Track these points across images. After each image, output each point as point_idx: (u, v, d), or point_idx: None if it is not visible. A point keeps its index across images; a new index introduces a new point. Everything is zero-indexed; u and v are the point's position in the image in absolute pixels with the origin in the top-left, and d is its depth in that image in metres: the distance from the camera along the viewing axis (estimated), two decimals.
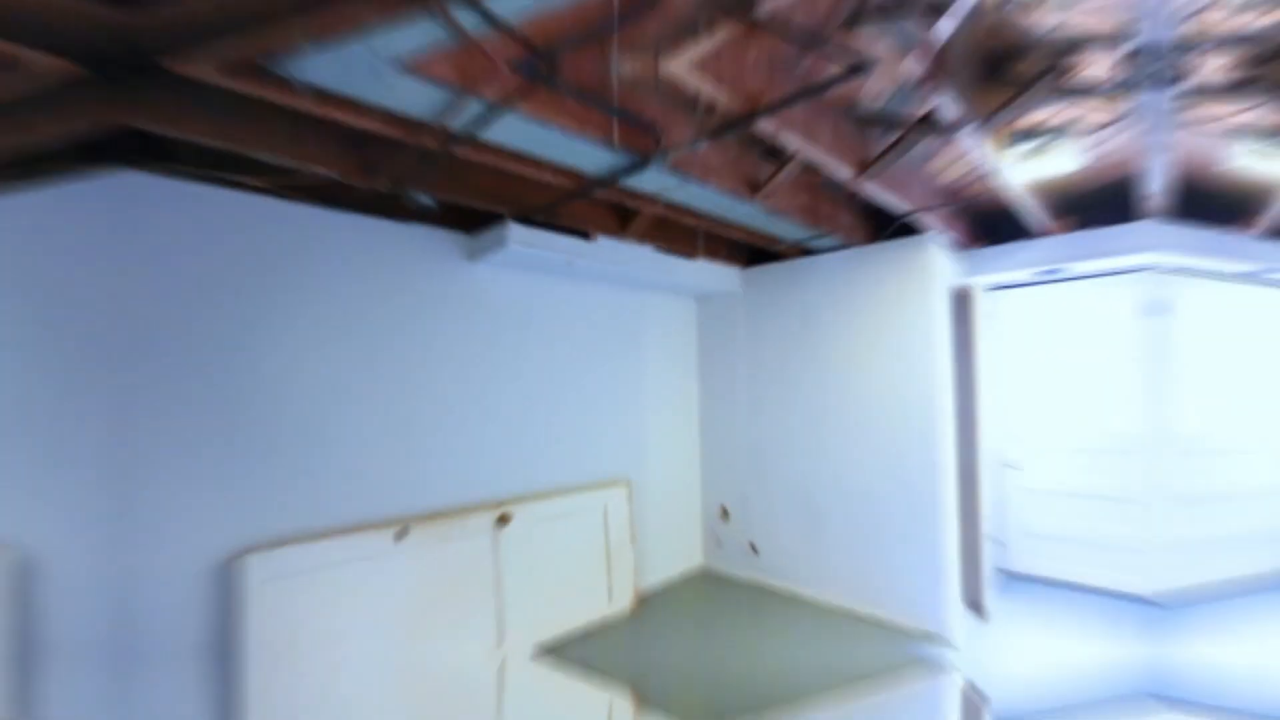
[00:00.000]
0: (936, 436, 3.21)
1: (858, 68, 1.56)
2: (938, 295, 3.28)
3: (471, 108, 1.72)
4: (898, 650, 3.06)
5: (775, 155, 2.72)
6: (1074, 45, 1.86)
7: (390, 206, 2.74)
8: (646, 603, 3.74)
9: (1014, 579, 4.07)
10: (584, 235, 3.17)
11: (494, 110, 1.72)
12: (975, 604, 3.47)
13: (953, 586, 3.24)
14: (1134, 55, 1.61)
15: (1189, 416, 3.55)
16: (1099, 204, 3.36)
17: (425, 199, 2.79)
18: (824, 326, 3.74)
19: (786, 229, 3.24)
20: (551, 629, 3.18)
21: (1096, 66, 2.05)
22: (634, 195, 2.67)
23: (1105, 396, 3.86)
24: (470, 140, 2.05)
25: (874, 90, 2.24)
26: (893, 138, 2.42)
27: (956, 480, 3.42)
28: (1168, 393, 3.61)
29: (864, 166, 2.40)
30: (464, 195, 2.60)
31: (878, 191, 2.56)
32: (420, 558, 2.72)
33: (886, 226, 3.48)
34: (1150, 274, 3.67)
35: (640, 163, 2.13)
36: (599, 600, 3.48)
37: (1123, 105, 1.98)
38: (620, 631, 3.34)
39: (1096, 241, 3.31)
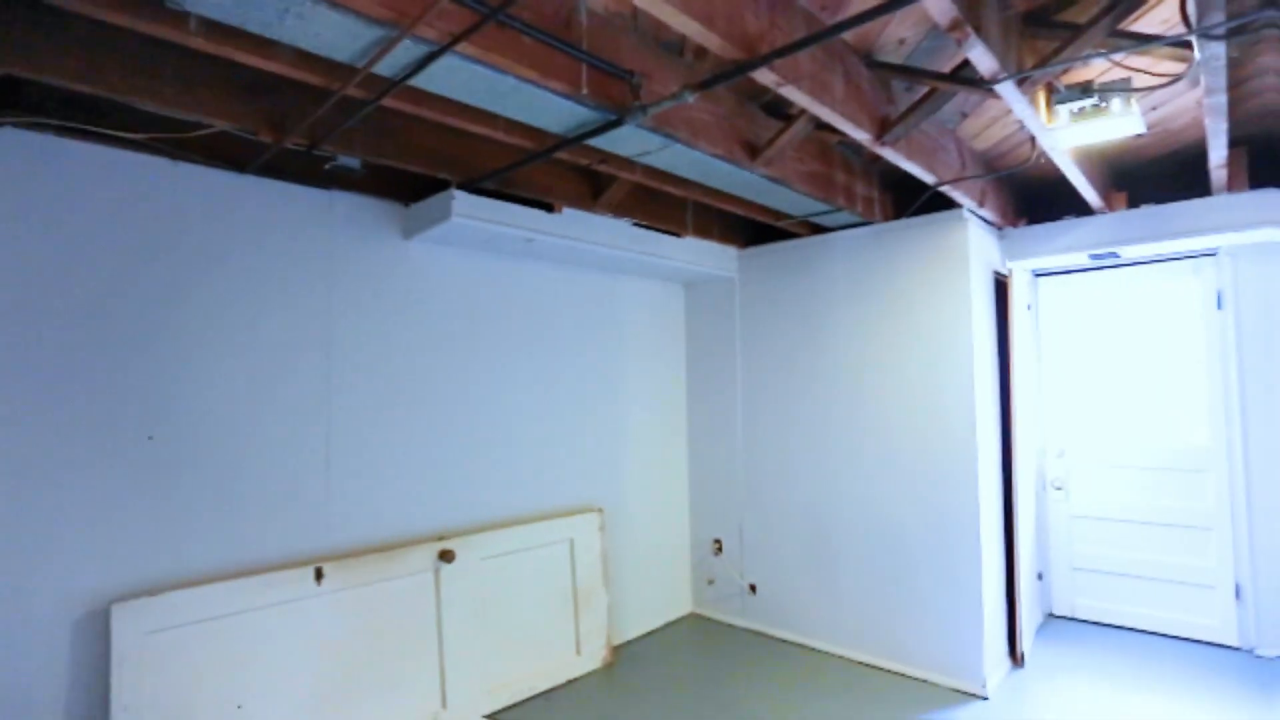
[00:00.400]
0: (973, 454, 3.26)
1: (878, 7, 1.57)
2: (975, 282, 3.33)
3: (406, 49, 1.70)
4: (924, 713, 3.10)
5: (779, 112, 2.74)
6: None
7: (306, 170, 2.71)
8: (624, 658, 3.74)
9: (1063, 621, 4.15)
10: (547, 207, 3.17)
11: (434, 53, 1.71)
12: (1017, 653, 3.53)
13: (994, 635, 3.29)
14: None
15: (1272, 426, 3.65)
16: (1164, 173, 3.45)
17: (350, 161, 2.77)
18: (837, 320, 3.77)
19: (792, 202, 3.27)
20: (505, 692, 3.17)
21: (1163, 8, 2.10)
22: (607, 158, 2.67)
23: (1172, 404, 3.95)
24: (405, 90, 2.04)
25: (896, 36, 2.27)
26: (919, 94, 2.46)
27: (998, 506, 3.48)
28: (1246, 398, 3.70)
29: (884, 128, 2.43)
30: (398, 157, 2.58)
31: (901, 159, 2.59)
32: (345, 603, 2.69)
33: (913, 200, 3.53)
34: (1221, 258, 3.77)
35: (614, 119, 2.13)
36: (564, 655, 3.47)
37: (1191, 57, 2.04)
38: (590, 694, 3.33)
39: (1161, 220, 3.38)
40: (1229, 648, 3.72)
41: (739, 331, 4.24)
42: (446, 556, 2.99)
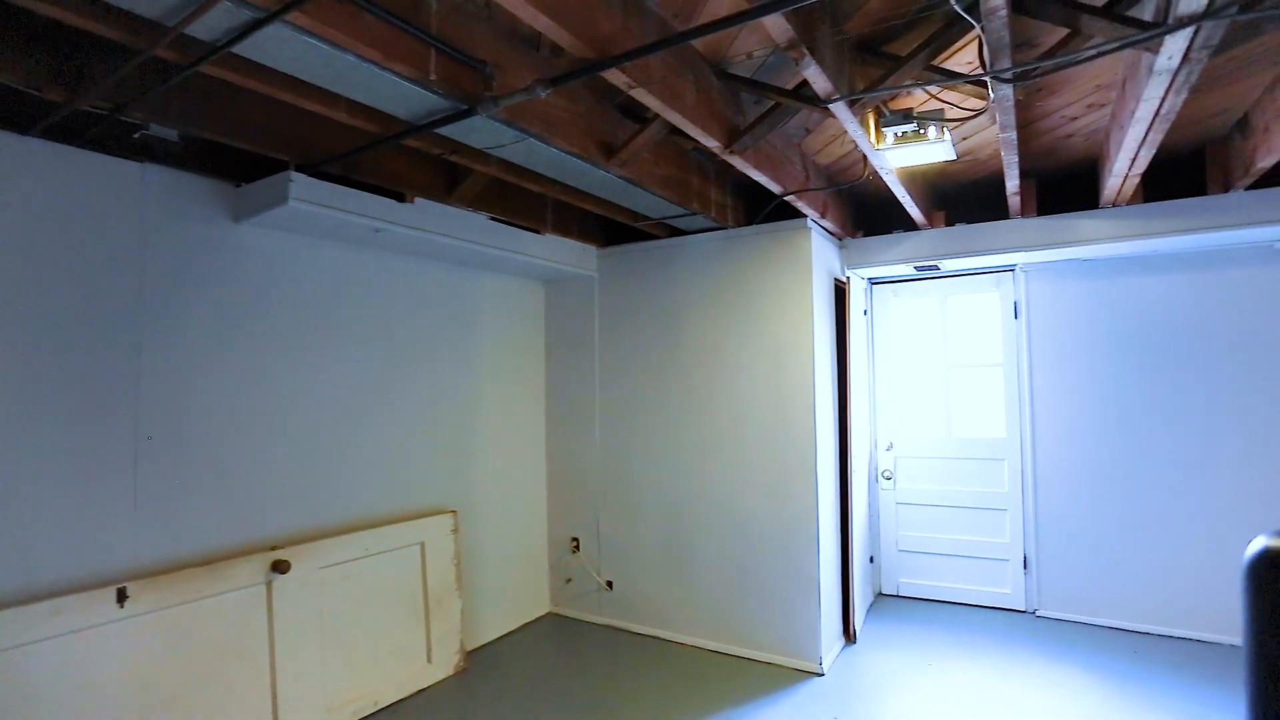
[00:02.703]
0: (813, 448, 3.50)
1: (722, 20, 1.64)
2: (817, 288, 3.58)
3: (226, 11, 1.55)
4: (766, 693, 3.28)
5: (636, 115, 2.79)
6: (950, 26, 2.13)
7: (111, 137, 2.40)
8: (478, 662, 3.65)
9: (890, 599, 4.56)
10: (398, 196, 3.02)
11: (259, 20, 1.57)
12: (850, 631, 3.84)
13: (830, 616, 3.55)
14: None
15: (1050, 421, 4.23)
16: (974, 198, 3.88)
17: (165, 131, 2.49)
18: (692, 319, 3.91)
19: (649, 204, 3.35)
20: (347, 708, 2.98)
21: (969, 50, 2.37)
22: (459, 149, 2.59)
23: (980, 401, 4.46)
24: (231, 58, 1.86)
25: (745, 50, 2.38)
26: (766, 107, 2.60)
27: (835, 496, 3.76)
28: (1035, 396, 4.26)
29: (733, 137, 2.55)
30: (225, 132, 2.35)
31: (749, 168, 2.72)
32: (156, 626, 2.41)
33: (763, 208, 3.73)
34: (1018, 273, 4.32)
35: (465, 109, 2.07)
36: (414, 664, 3.33)
37: (987, 96, 2.30)
38: (441, 703, 3.22)
39: (968, 238, 3.81)
40: (1018, 611, 4.27)
41: (598, 330, 4.27)
42: (280, 567, 2.76)
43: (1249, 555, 0.83)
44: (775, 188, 3.02)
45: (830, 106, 2.18)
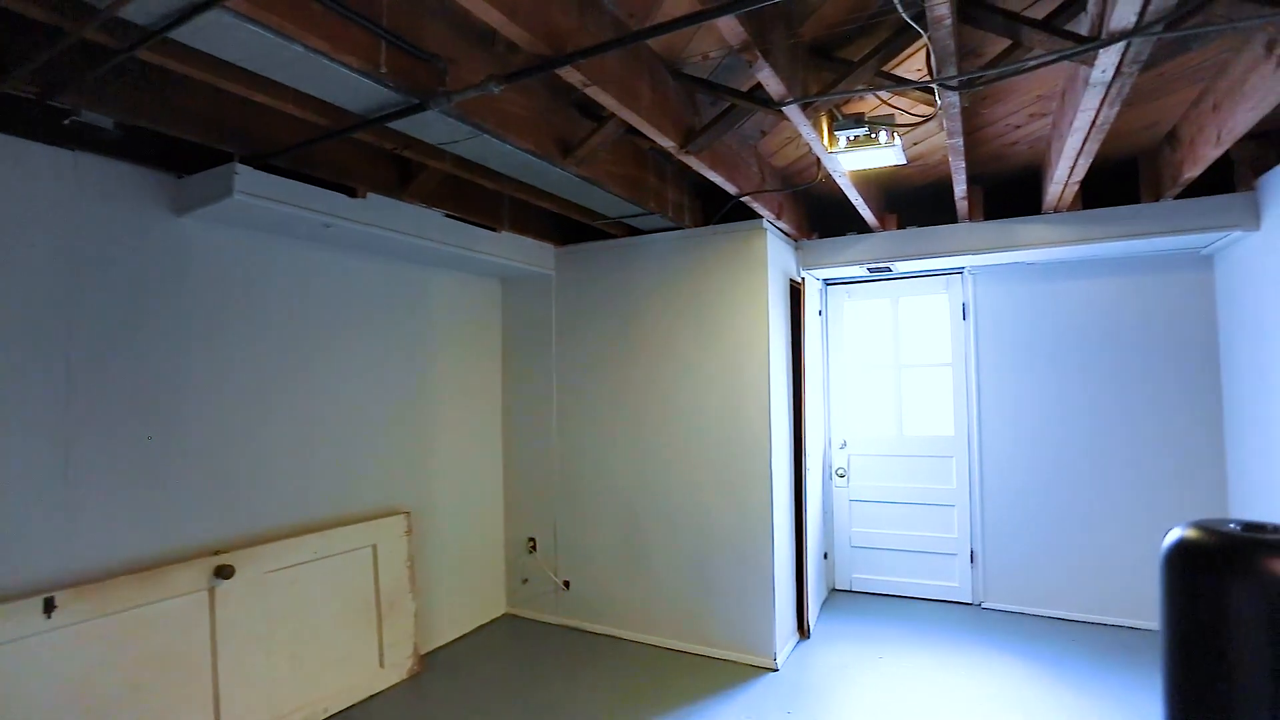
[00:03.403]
0: (768, 446, 3.54)
1: (676, 20, 1.65)
2: (772, 288, 3.63)
3: None
4: (722, 690, 3.32)
5: (593, 113, 2.79)
6: (899, 34, 2.18)
7: (38, 123, 2.29)
8: (433, 666, 3.60)
9: (844, 594, 4.65)
10: (350, 191, 2.96)
11: (199, 5, 1.52)
12: (804, 626, 3.90)
13: (784, 612, 3.61)
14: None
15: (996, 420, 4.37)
16: (925, 202, 3.99)
17: (100, 119, 2.39)
18: (649, 318, 3.92)
19: (606, 203, 3.34)
20: (295, 716, 2.91)
21: (918, 58, 2.43)
22: (412, 144, 2.55)
23: (930, 400, 4.59)
24: (171, 45, 1.79)
25: (701, 50, 2.40)
26: (723, 108, 2.63)
27: (789, 494, 3.82)
28: (982, 395, 4.40)
29: (689, 137, 2.57)
30: (166, 121, 2.27)
31: (704, 168, 2.74)
32: (90, 637, 2.31)
33: (719, 209, 3.77)
34: (966, 276, 4.46)
35: (417, 103, 2.03)
36: (366, 668, 3.27)
37: (935, 102, 2.37)
38: (393, 708, 3.16)
39: (918, 240, 3.92)
40: (965, 604, 4.40)
41: (555, 329, 4.25)
42: (224, 572, 2.68)
43: (1165, 546, 0.88)
44: (731, 188, 3.05)
45: (784, 109, 2.22)
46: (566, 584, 4.15)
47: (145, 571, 2.48)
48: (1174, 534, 0.90)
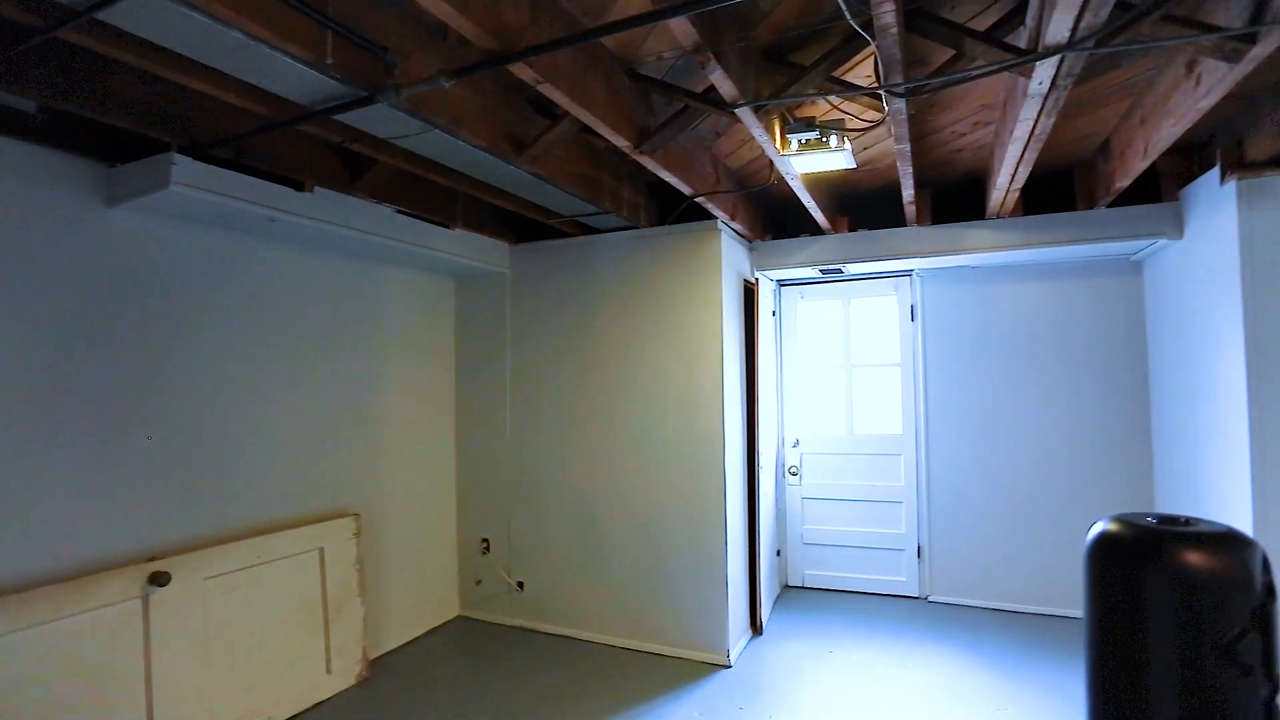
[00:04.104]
0: (721, 445, 3.58)
1: (628, 19, 1.65)
2: (727, 289, 3.66)
3: None
4: (676, 687, 3.34)
5: (548, 111, 2.77)
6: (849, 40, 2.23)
7: None
8: (382, 670, 3.53)
9: (796, 590, 4.73)
10: (297, 184, 2.88)
11: None
12: (757, 623, 3.96)
13: (737, 610, 3.65)
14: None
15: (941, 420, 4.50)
16: (875, 205, 4.08)
17: (21, 103, 2.27)
18: (604, 317, 3.92)
19: (561, 201, 3.33)
20: None
21: (867, 65, 2.48)
22: (361, 137, 2.50)
23: (879, 399, 4.70)
24: (102, 27, 1.71)
25: (655, 51, 2.41)
26: (675, 109, 2.64)
27: (742, 492, 3.86)
28: (929, 395, 4.52)
29: (643, 137, 2.57)
30: (93, 106, 2.17)
31: (659, 168, 2.75)
32: (10, 651, 2.19)
33: (675, 208, 3.78)
34: (914, 278, 4.58)
35: (366, 96, 1.99)
36: (312, 675, 3.18)
37: (883, 108, 2.43)
38: (341, 715, 3.09)
39: (869, 243, 4.01)
40: (912, 597, 4.53)
41: (510, 328, 4.21)
42: (159, 579, 2.57)
43: (1089, 538, 0.92)
44: (686, 189, 3.07)
45: (736, 111, 2.24)
46: (520, 585, 4.11)
47: (72, 580, 2.36)
48: (1097, 527, 0.95)
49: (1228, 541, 1.27)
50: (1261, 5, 1.70)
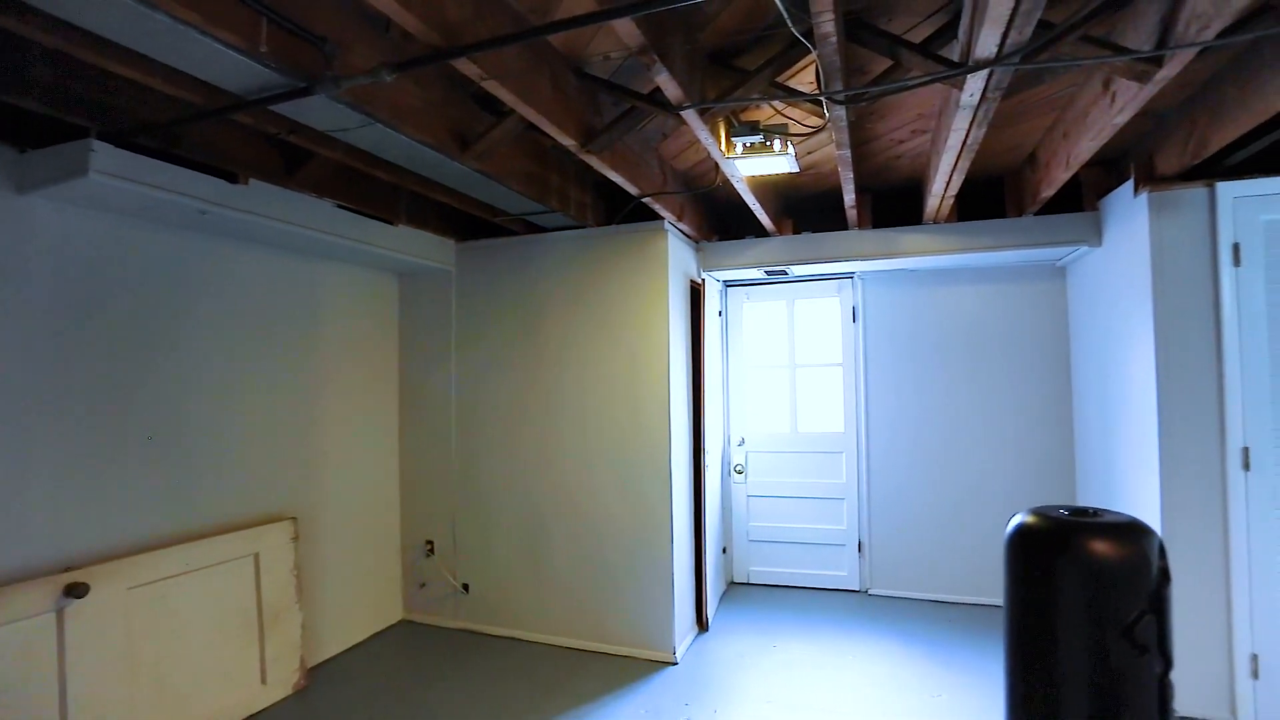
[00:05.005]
0: (667, 444, 3.61)
1: (573, 19, 1.65)
2: (673, 289, 3.70)
3: None
4: (622, 686, 3.35)
5: (495, 108, 2.74)
6: (791, 47, 2.28)
7: None
8: (321, 679, 3.43)
9: (742, 587, 4.81)
10: (230, 176, 2.77)
11: None
12: (703, 619, 4.00)
13: (683, 607, 3.68)
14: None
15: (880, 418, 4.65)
16: (819, 209, 4.18)
17: None
18: (551, 315, 3.90)
19: (508, 199, 3.30)
20: None
21: (810, 71, 2.54)
22: (298, 129, 2.43)
23: (823, 398, 4.82)
24: (17, 5, 1.62)
25: (601, 51, 2.42)
26: (622, 109, 2.65)
27: (688, 491, 3.90)
28: (870, 394, 4.66)
29: (590, 136, 2.57)
30: (1, 87, 2.03)
31: (606, 168, 2.76)
32: None
33: (622, 208, 3.79)
34: (856, 280, 4.71)
35: (303, 87, 1.93)
36: (246, 686, 3.07)
37: (825, 115, 2.50)
38: None
39: (812, 245, 4.11)
40: (854, 591, 4.66)
41: (455, 325, 4.15)
42: (76, 590, 2.43)
43: (1008, 530, 0.98)
44: (633, 189, 3.09)
45: (682, 113, 2.27)
46: (466, 587, 4.06)
47: None
48: (1015, 520, 1.00)
49: (1129, 531, 1.37)
50: (1167, 30, 1.81)
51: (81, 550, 2.56)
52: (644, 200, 3.27)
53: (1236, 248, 2.86)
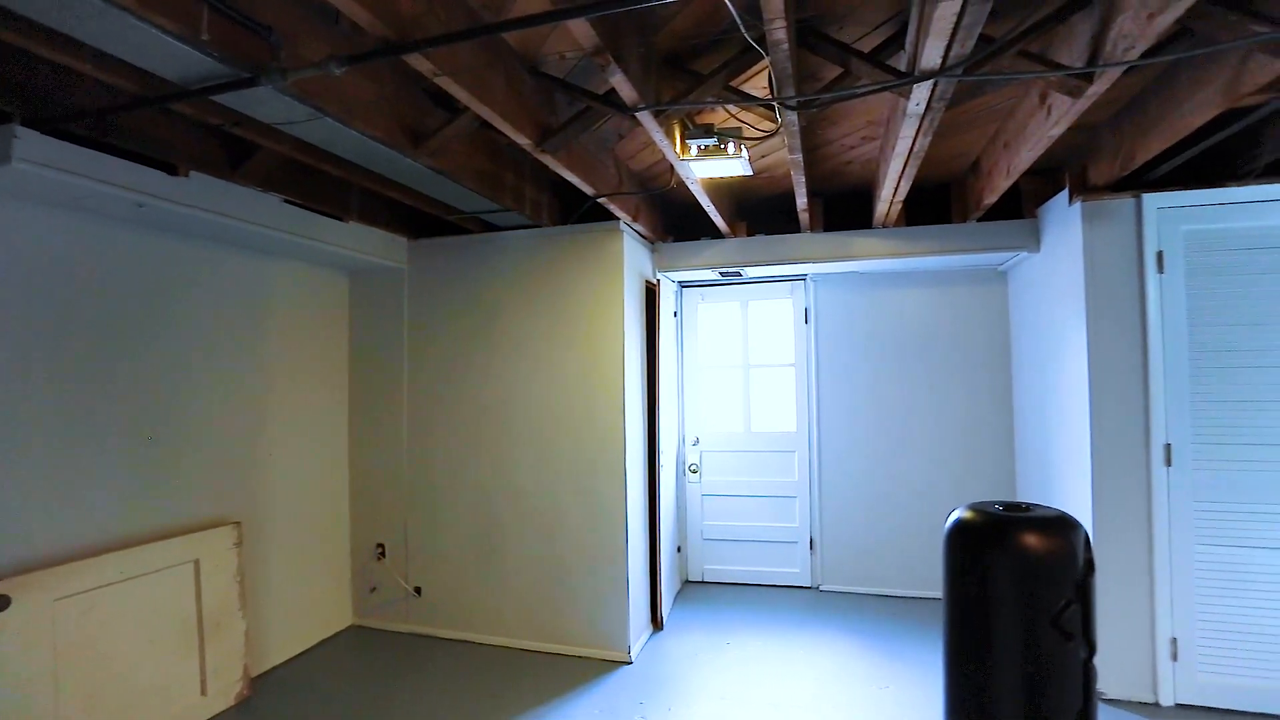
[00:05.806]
0: (621, 444, 3.61)
1: (528, 17, 1.65)
2: (628, 289, 3.71)
3: None
4: (576, 686, 3.35)
5: (449, 105, 2.71)
6: (745, 52, 2.31)
7: None
8: (266, 688, 3.32)
9: (697, 585, 4.85)
10: (169, 168, 2.66)
11: None
12: (658, 618, 4.02)
13: (638, 606, 3.70)
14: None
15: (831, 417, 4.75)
16: (772, 212, 4.24)
17: None
18: (506, 317, 3.87)
19: (462, 197, 3.26)
20: None
21: (763, 76, 2.58)
22: (243, 121, 2.35)
23: (776, 398, 4.89)
24: None
25: (557, 50, 2.41)
26: (578, 109, 2.64)
27: (643, 490, 3.92)
28: (821, 394, 4.76)
29: (545, 136, 2.56)
30: None
31: (561, 167, 2.75)
32: None
33: (578, 208, 3.79)
34: (809, 282, 4.80)
35: (248, 78, 1.87)
36: (185, 699, 2.95)
37: (777, 119, 2.54)
38: None
39: (765, 247, 4.17)
40: (805, 587, 4.75)
41: (407, 325, 4.08)
42: None
43: (947, 525, 1.01)
44: (588, 189, 3.08)
45: (637, 114, 2.28)
46: (418, 590, 3.99)
47: None
48: (954, 515, 1.04)
49: (1058, 525, 1.44)
50: (1097, 49, 1.91)
51: (4, 560, 2.43)
52: (600, 200, 3.27)
53: (1160, 255, 3.02)
